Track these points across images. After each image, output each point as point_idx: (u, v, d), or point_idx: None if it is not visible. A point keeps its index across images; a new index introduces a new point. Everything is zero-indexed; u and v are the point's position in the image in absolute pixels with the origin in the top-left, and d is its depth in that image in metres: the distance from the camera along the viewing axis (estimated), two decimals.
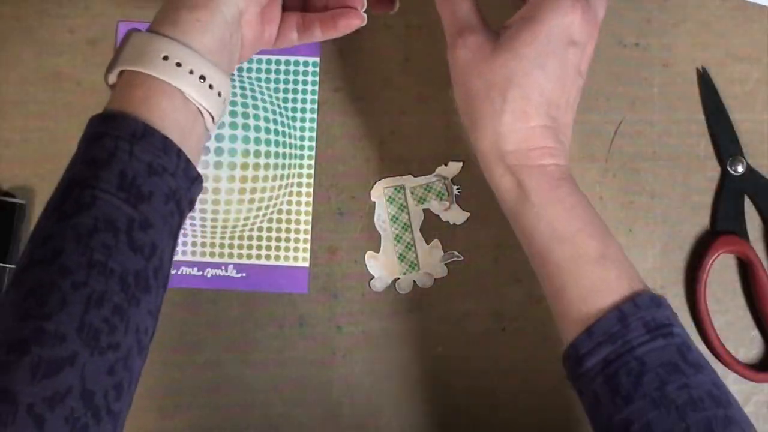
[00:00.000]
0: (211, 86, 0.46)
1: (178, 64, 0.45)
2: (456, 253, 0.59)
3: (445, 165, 0.59)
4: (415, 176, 0.59)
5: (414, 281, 0.59)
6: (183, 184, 0.45)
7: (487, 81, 0.47)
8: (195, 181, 0.46)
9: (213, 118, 0.47)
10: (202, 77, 0.45)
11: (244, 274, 0.59)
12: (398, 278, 0.59)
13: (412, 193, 0.59)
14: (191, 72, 0.45)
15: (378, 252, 0.59)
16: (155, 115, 0.44)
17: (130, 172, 0.43)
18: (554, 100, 0.47)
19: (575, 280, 0.46)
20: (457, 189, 0.59)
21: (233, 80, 0.58)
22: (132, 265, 0.42)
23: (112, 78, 0.46)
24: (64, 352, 0.39)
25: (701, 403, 0.42)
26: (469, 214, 0.59)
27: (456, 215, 0.59)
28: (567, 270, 0.46)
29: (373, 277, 0.59)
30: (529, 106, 0.46)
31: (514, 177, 0.47)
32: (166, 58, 0.45)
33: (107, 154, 0.43)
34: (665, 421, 0.42)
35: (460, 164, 0.59)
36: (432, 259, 0.59)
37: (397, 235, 0.58)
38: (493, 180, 0.48)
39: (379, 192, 0.59)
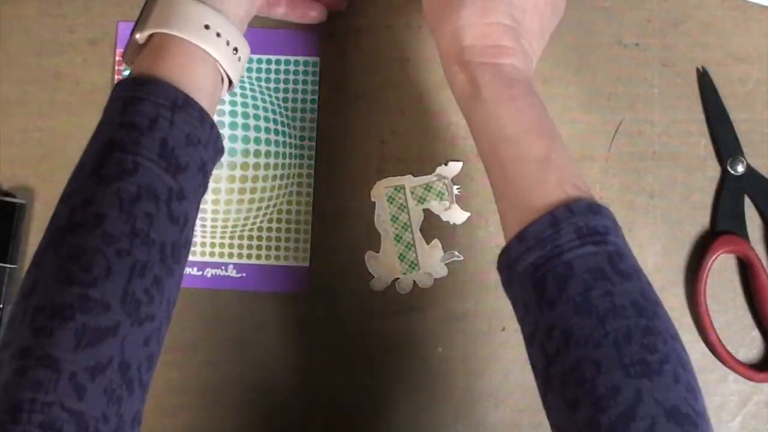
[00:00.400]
0: (239, 57, 0.46)
1: (218, 35, 0.45)
2: (456, 253, 0.59)
3: (445, 165, 0.59)
4: (415, 176, 0.59)
5: (414, 281, 0.59)
6: (212, 156, 0.45)
7: None
8: (219, 152, 0.47)
9: (231, 84, 0.47)
10: (235, 49, 0.46)
11: (244, 274, 0.59)
12: (398, 278, 0.59)
13: (412, 193, 0.59)
14: (228, 43, 0.45)
15: (378, 252, 0.59)
16: (192, 84, 0.44)
17: (170, 142, 0.43)
18: (517, 2, 0.46)
19: (515, 181, 0.45)
20: (457, 189, 0.59)
21: None
22: (170, 236, 0.42)
23: (143, 38, 0.46)
24: (108, 322, 0.39)
25: (623, 311, 0.40)
26: (469, 214, 0.59)
27: (456, 215, 0.59)
28: (510, 170, 0.45)
29: (373, 276, 0.59)
30: (487, 1, 0.46)
31: (469, 73, 0.46)
32: (207, 27, 0.44)
33: (148, 120, 0.43)
34: (585, 327, 0.40)
35: (460, 164, 0.59)
36: (432, 259, 0.59)
37: (397, 235, 0.58)
38: (449, 78, 0.47)
39: (380, 192, 0.59)
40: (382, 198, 0.59)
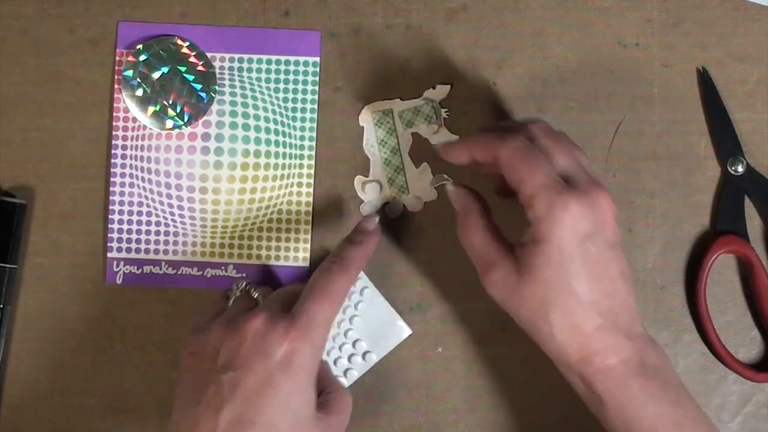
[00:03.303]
0: None
1: None
2: (445, 176, 0.59)
3: (433, 88, 0.59)
4: (403, 100, 0.59)
5: (404, 205, 0.59)
6: None
7: (527, 310, 0.48)
8: None
9: None
10: None
11: (244, 274, 0.59)
12: (388, 202, 0.59)
13: (400, 116, 0.59)
14: None
15: (367, 176, 0.59)
16: None
17: None
18: (597, 296, 0.47)
19: None
20: (446, 112, 0.59)
21: (233, 80, 0.59)
22: None
23: None
24: None
25: None
26: (457, 137, 0.59)
27: (445, 138, 0.59)
28: None
29: (363, 201, 0.59)
30: (574, 318, 0.47)
31: (585, 383, 0.48)
32: None
33: None
34: None
35: (448, 87, 0.59)
36: (421, 183, 0.59)
37: (385, 159, 0.59)
38: (571, 384, 0.50)
39: (367, 116, 0.59)
40: (370, 122, 0.59)
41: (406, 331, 0.57)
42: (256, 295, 0.53)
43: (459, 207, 0.52)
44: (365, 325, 0.57)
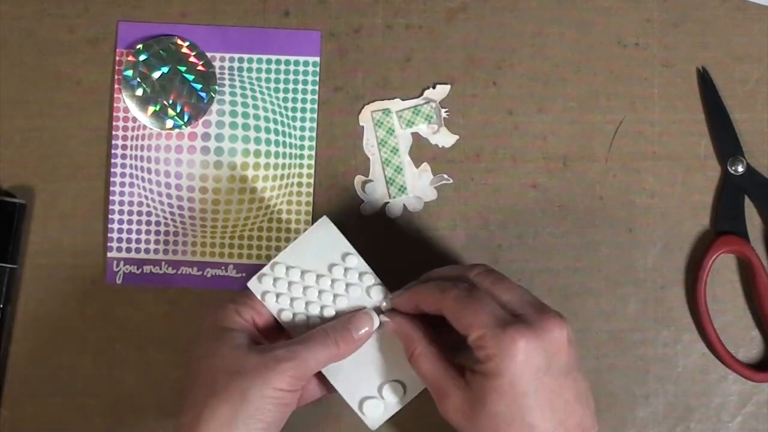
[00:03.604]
0: None
1: None
2: (445, 176, 0.59)
3: (433, 88, 0.59)
4: (402, 100, 0.59)
5: (404, 205, 0.59)
6: None
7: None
8: None
9: None
10: None
11: (244, 274, 0.59)
12: (388, 202, 0.59)
13: (399, 116, 0.59)
14: None
15: (367, 176, 0.59)
16: None
17: None
18: (551, 425, 0.46)
19: None
20: (446, 112, 0.59)
21: (233, 80, 0.59)
22: None
23: None
24: None
25: None
26: (457, 137, 0.59)
27: (444, 138, 0.59)
28: None
29: (363, 201, 0.59)
30: None
31: None
32: None
33: None
34: None
35: (448, 87, 0.59)
36: (421, 183, 0.59)
37: (385, 159, 0.59)
38: None
39: (367, 116, 0.59)
40: (369, 122, 0.59)
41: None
42: None
43: (401, 338, 0.52)
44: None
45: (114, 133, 0.59)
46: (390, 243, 0.59)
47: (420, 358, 0.50)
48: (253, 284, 0.52)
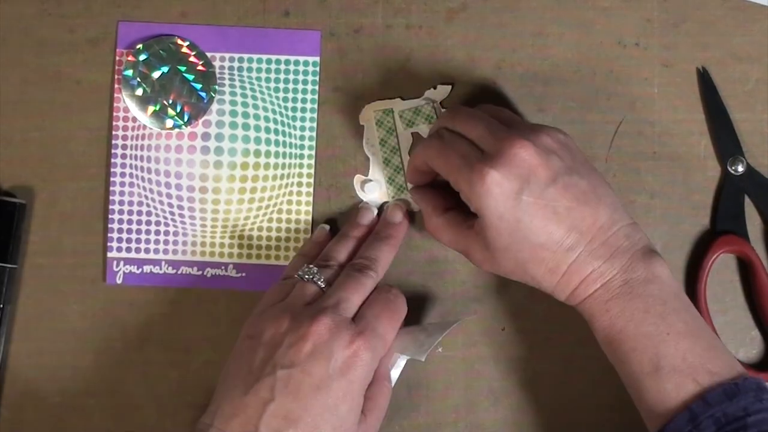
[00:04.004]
0: None
1: None
2: None
3: (434, 88, 0.59)
4: (403, 99, 0.59)
5: (406, 209, 0.59)
6: None
7: (511, 272, 0.50)
8: None
9: None
10: None
11: (244, 274, 0.59)
12: (387, 202, 0.59)
13: (400, 116, 0.59)
14: None
15: (367, 176, 0.59)
16: None
17: None
18: (559, 235, 0.48)
19: (639, 395, 0.48)
20: (446, 112, 0.59)
21: (233, 80, 0.59)
22: None
23: None
24: None
25: None
26: None
27: None
28: (630, 387, 0.49)
29: (362, 200, 0.59)
30: (547, 264, 0.49)
31: (581, 314, 0.50)
32: None
33: None
34: None
35: (449, 87, 0.59)
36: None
37: (385, 159, 0.59)
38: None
39: (368, 115, 0.59)
40: (371, 121, 0.59)
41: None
42: (322, 283, 0.53)
43: (420, 206, 0.55)
44: None
45: (114, 133, 0.59)
46: None
47: (438, 228, 0.53)
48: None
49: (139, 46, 0.58)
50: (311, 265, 0.53)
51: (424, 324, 0.57)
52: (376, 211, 0.58)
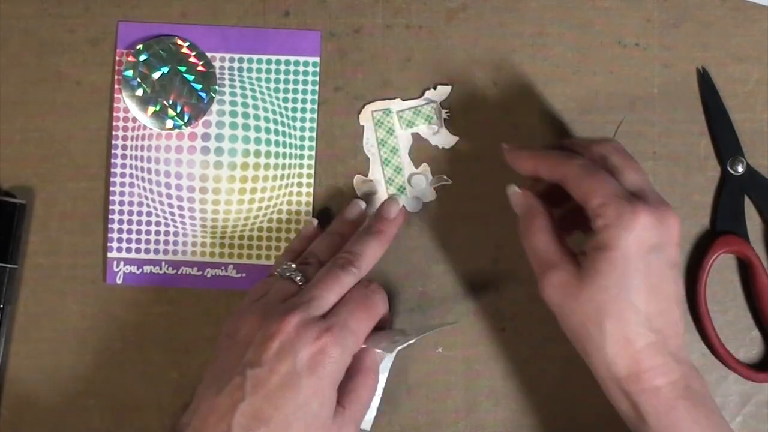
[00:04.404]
0: None
1: None
2: (445, 177, 0.59)
3: (434, 89, 0.59)
4: (403, 100, 0.59)
5: (403, 205, 0.59)
6: None
7: (581, 316, 0.48)
8: None
9: None
10: None
11: (244, 274, 0.59)
12: None
13: (400, 116, 0.59)
14: None
15: (366, 176, 0.59)
16: None
17: None
18: (652, 312, 0.47)
19: None
20: (446, 113, 0.59)
21: (233, 80, 0.59)
22: None
23: None
24: None
25: None
26: (457, 137, 0.59)
27: (445, 139, 0.59)
28: None
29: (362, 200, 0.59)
30: (628, 330, 0.47)
31: (631, 401, 0.48)
32: None
33: None
34: None
35: (449, 88, 0.59)
36: (421, 183, 0.59)
37: (385, 159, 0.59)
38: (612, 401, 0.49)
39: (367, 115, 0.59)
40: (370, 121, 0.59)
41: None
42: (300, 280, 0.52)
43: (523, 208, 0.52)
44: None
45: (114, 133, 0.59)
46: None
47: (539, 231, 0.50)
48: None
49: (139, 46, 0.58)
50: (290, 263, 0.53)
51: (405, 328, 0.57)
52: (364, 206, 0.57)
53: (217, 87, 0.58)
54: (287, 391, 0.47)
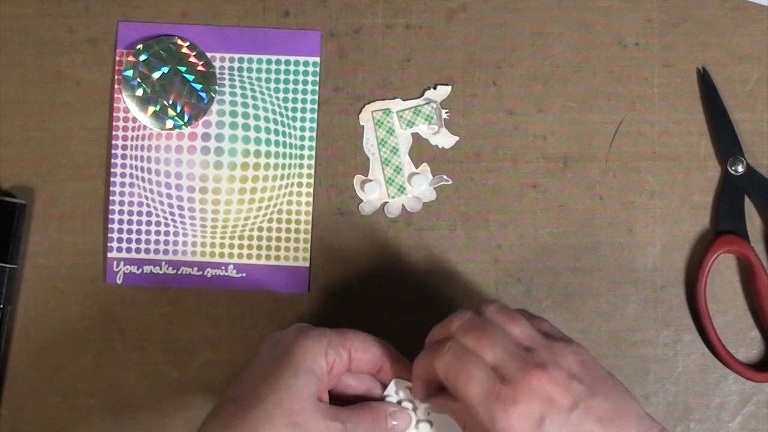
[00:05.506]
0: None
1: None
2: (445, 177, 0.59)
3: (434, 88, 0.59)
4: (403, 100, 0.59)
5: (403, 205, 0.59)
6: None
7: None
8: None
9: None
10: None
11: (244, 274, 0.59)
12: (387, 202, 0.59)
13: (400, 116, 0.59)
14: None
15: (367, 176, 0.59)
16: None
17: None
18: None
19: None
20: (446, 113, 0.59)
21: (233, 80, 0.59)
22: None
23: None
24: None
25: None
26: (457, 137, 0.59)
27: (445, 139, 0.59)
28: None
29: (362, 201, 0.59)
30: None
31: None
32: None
33: None
34: None
35: (449, 88, 0.59)
36: (421, 183, 0.59)
37: (385, 159, 0.59)
38: None
39: (367, 115, 0.59)
40: (370, 121, 0.59)
41: None
42: None
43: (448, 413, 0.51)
44: None
45: (114, 133, 0.59)
46: (389, 243, 0.59)
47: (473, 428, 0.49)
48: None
49: (140, 46, 0.58)
50: None
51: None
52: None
53: (217, 87, 0.58)
54: (266, 377, 0.48)
